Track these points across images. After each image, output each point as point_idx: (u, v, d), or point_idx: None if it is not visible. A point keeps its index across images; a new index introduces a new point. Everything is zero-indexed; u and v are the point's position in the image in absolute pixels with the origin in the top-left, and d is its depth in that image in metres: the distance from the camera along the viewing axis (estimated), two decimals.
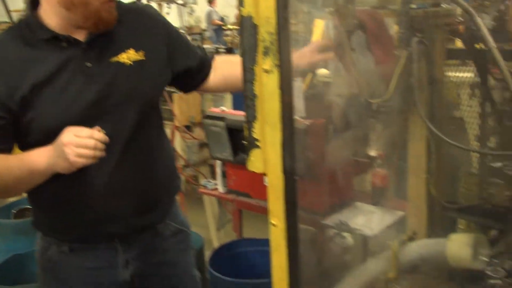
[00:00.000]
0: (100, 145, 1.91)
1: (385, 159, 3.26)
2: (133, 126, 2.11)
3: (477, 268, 1.81)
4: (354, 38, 1.99)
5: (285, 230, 1.38)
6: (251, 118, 1.37)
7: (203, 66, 2.39)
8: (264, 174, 1.41)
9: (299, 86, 3.51)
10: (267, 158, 1.36)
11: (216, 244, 4.68)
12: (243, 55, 1.35)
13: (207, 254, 3.69)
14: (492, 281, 1.74)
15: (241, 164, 3.43)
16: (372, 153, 3.25)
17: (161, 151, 2.32)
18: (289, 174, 1.34)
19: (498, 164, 1.83)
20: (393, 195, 3.27)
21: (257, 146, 1.37)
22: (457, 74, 2.24)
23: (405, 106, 2.14)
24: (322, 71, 3.35)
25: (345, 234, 3.20)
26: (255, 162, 1.39)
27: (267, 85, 1.32)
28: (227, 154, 3.57)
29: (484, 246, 1.88)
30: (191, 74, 2.35)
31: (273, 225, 1.40)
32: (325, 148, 2.64)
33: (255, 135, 1.36)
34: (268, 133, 1.34)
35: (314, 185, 3.08)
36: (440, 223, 2.22)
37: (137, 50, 2.10)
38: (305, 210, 3.32)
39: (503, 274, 1.74)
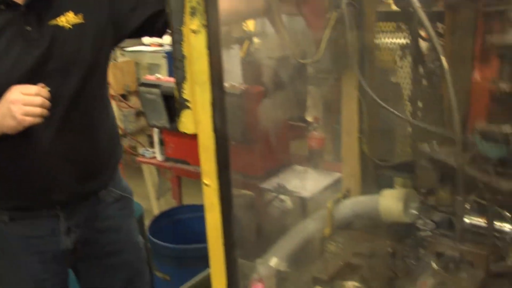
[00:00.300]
0: (47, 103, 1.88)
1: (321, 122, 3.32)
2: (75, 91, 2.07)
3: (408, 221, 1.87)
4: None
5: (218, 190, 1.39)
6: (180, 79, 1.36)
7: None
8: (195, 135, 1.41)
9: (235, 53, 3.52)
10: (197, 119, 1.36)
11: (156, 213, 4.67)
12: (170, 16, 1.33)
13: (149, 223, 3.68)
14: (422, 233, 1.80)
15: (178, 132, 3.42)
16: (308, 116, 3.30)
17: (104, 118, 2.29)
18: (220, 134, 1.35)
19: (427, 148, 1.88)
20: (330, 157, 3.33)
21: (188, 107, 1.37)
22: (390, 38, 2.29)
23: (337, 67, 2.17)
24: (259, 37, 3.37)
25: (284, 197, 3.25)
26: (186, 123, 1.38)
27: (195, 45, 1.31)
28: (164, 121, 3.56)
29: (415, 200, 1.94)
30: (156, 19, 2.22)
31: (206, 185, 1.40)
32: (261, 113, 2.66)
33: (185, 96, 1.36)
34: (197, 94, 1.33)
35: (251, 150, 3.11)
36: (374, 181, 2.28)
37: (76, 13, 2.04)
38: (243, 175, 3.36)
39: (432, 226, 1.81)
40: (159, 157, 3.93)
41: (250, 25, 3.57)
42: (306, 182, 3.13)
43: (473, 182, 1.74)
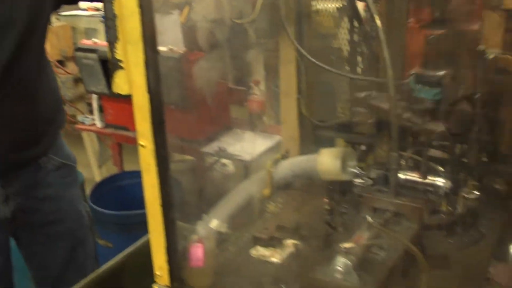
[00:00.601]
0: None
1: (261, 85, 3.32)
2: (10, 55, 1.96)
3: (346, 179, 1.90)
4: None
5: (154, 151, 1.38)
6: (112, 39, 1.33)
7: None
8: (130, 96, 1.39)
9: (175, 19, 3.46)
10: (131, 79, 1.34)
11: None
12: None
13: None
14: (359, 190, 1.83)
15: (118, 97, 3.37)
16: (249, 79, 3.29)
17: (44, 84, 2.20)
18: (154, 94, 1.33)
19: (362, 94, 1.91)
20: (271, 119, 3.35)
21: (121, 67, 1.34)
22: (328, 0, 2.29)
23: (275, 28, 2.17)
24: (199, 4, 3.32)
25: (225, 160, 3.25)
26: (119, 83, 1.36)
27: (126, 4, 1.28)
28: (102, 87, 3.49)
29: (353, 158, 1.97)
30: None
31: (142, 146, 1.39)
32: (199, 77, 2.63)
33: (118, 56, 1.33)
34: (130, 53, 1.31)
35: (192, 114, 3.09)
36: (313, 142, 2.30)
37: None
38: (184, 139, 3.34)
39: (369, 183, 1.85)
40: (98, 124, 3.87)
41: None
42: (247, 146, 3.14)
43: (408, 131, 1.78)
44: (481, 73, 1.66)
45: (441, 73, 1.67)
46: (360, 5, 1.98)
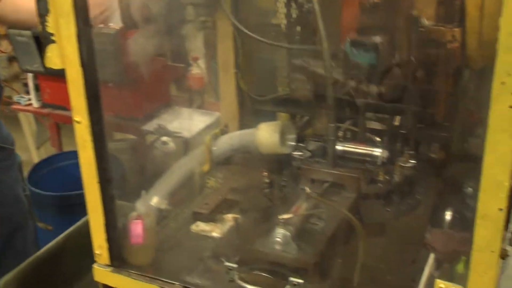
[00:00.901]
0: None
1: (201, 62, 3.29)
2: None
3: (284, 152, 1.91)
4: None
5: (89, 126, 1.35)
6: (43, 12, 1.31)
7: None
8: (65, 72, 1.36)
9: None
10: (64, 53, 1.31)
11: None
12: None
13: None
14: (298, 162, 1.85)
15: (54, 76, 3.28)
16: (187, 56, 3.27)
17: None
18: (88, 68, 1.31)
19: (299, 61, 1.91)
20: (211, 96, 3.33)
21: (53, 41, 1.31)
22: None
23: (212, 3, 2.15)
24: None
25: (166, 138, 3.22)
26: (52, 58, 1.33)
27: None
28: (38, 65, 3.39)
29: (291, 132, 1.98)
30: None
31: (77, 122, 1.37)
32: (136, 53, 2.59)
33: (49, 30, 1.30)
34: (62, 26, 1.28)
35: (130, 91, 3.05)
36: (252, 116, 2.30)
37: None
38: (123, 118, 3.29)
39: (308, 155, 1.86)
40: (35, 103, 3.76)
41: None
42: (187, 123, 3.12)
43: (345, 100, 1.80)
44: (416, 40, 1.68)
45: (376, 38, 1.69)
46: None
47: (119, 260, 1.56)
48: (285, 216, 1.49)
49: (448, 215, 1.64)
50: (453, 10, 1.62)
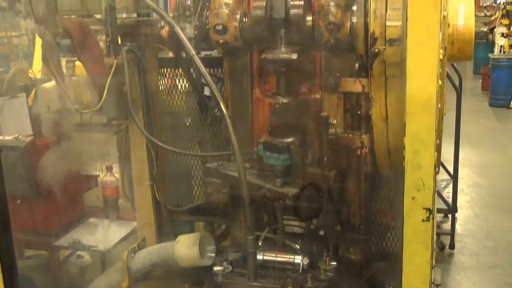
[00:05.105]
0: None
1: (114, 170, 3.24)
2: None
3: (206, 264, 1.87)
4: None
5: None
6: None
7: None
8: None
9: (22, 102, 3.29)
10: None
11: None
12: None
13: None
14: (219, 276, 1.80)
15: None
16: (99, 166, 3.20)
17: None
18: None
19: (214, 164, 1.90)
20: (127, 205, 3.26)
21: None
22: (176, 83, 2.30)
23: (122, 114, 2.13)
24: (47, 85, 3.19)
25: (81, 252, 3.10)
26: None
27: None
28: None
29: (211, 243, 1.95)
30: None
31: None
32: (47, 169, 2.52)
33: None
34: None
35: (42, 206, 2.93)
36: (170, 226, 2.26)
37: None
38: (36, 233, 3.15)
39: (229, 269, 1.82)
40: None
41: (36, 70, 3.40)
42: (103, 235, 3.02)
43: (262, 203, 1.80)
44: (326, 141, 1.71)
45: (288, 139, 1.72)
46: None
47: None
48: None
49: None
50: (360, 118, 1.67)
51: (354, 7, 1.58)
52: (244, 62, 1.87)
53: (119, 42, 1.93)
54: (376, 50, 1.42)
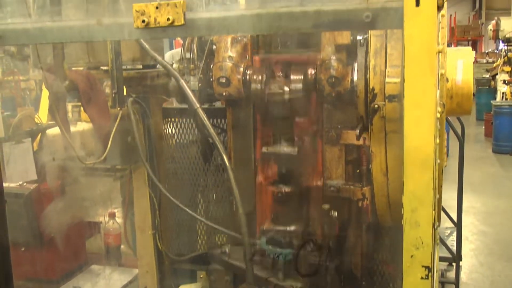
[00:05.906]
0: None
1: (117, 218, 3.25)
2: None
3: None
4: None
5: None
6: None
7: None
8: None
9: (28, 148, 3.32)
10: None
11: None
12: None
13: None
14: None
15: None
16: (102, 213, 3.21)
17: None
18: None
19: (218, 251, 1.94)
20: (129, 252, 3.26)
21: None
22: (180, 131, 2.33)
23: (127, 164, 2.16)
24: (52, 131, 3.22)
25: None
26: None
27: None
28: None
29: None
30: None
31: None
32: (51, 214, 2.54)
33: None
34: None
35: (45, 253, 2.94)
36: (171, 275, 2.26)
37: None
38: (39, 280, 3.15)
39: None
40: None
41: (42, 116, 3.44)
42: (104, 283, 3.02)
43: None
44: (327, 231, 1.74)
45: (291, 231, 1.74)
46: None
47: None
48: None
49: None
50: (361, 171, 1.69)
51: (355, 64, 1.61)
52: (247, 113, 1.90)
53: (125, 93, 1.96)
54: (376, 105, 1.45)
